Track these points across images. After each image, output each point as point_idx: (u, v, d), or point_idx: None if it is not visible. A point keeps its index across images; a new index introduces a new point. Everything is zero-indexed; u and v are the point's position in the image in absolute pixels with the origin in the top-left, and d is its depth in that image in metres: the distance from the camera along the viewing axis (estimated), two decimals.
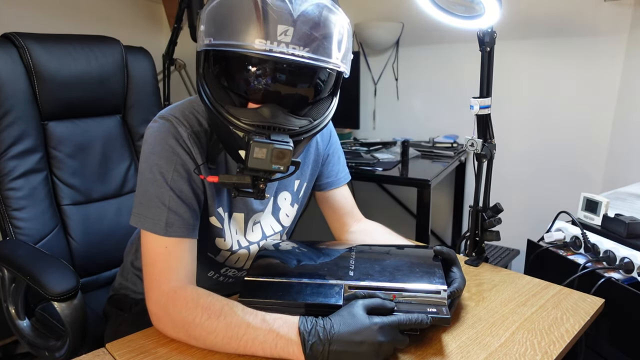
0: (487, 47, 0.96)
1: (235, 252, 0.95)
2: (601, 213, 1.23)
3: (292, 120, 0.73)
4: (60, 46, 1.25)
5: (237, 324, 0.69)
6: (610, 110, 1.83)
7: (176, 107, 0.84)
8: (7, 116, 1.14)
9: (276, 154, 0.67)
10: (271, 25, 0.64)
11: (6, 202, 1.15)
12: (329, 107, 0.79)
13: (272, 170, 0.68)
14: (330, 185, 1.05)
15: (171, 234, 0.77)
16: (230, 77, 0.74)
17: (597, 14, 1.78)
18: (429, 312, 0.71)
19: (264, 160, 0.67)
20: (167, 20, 2.69)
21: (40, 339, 1.10)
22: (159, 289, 0.76)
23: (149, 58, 1.44)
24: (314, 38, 0.67)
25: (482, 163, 1.03)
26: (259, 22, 0.64)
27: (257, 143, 0.67)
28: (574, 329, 0.77)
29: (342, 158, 1.08)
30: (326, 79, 0.77)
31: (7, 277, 1.10)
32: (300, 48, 0.66)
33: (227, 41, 0.66)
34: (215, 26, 0.68)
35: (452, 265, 0.84)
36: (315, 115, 0.77)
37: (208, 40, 0.68)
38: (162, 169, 0.78)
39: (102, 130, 1.33)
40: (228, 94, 0.74)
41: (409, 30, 2.25)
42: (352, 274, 0.78)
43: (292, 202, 0.99)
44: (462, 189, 2.29)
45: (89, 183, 1.30)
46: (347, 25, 0.73)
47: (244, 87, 0.73)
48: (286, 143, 0.68)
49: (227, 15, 0.67)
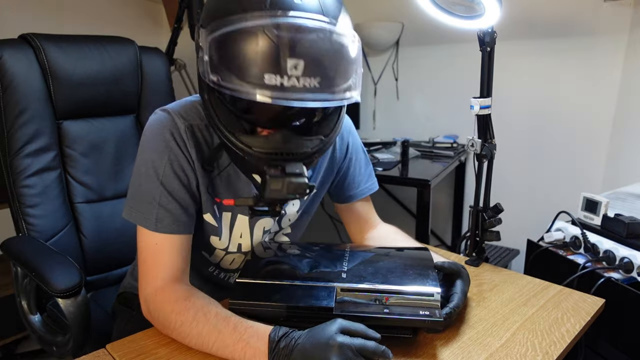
0: (488, 47, 0.96)
1: (231, 253, 0.94)
2: (601, 213, 1.23)
3: (304, 143, 0.71)
4: (76, 46, 1.26)
5: (207, 333, 0.70)
6: (610, 110, 1.83)
7: (180, 101, 0.85)
8: (23, 115, 1.16)
9: (293, 188, 0.67)
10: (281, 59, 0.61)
11: (20, 199, 1.16)
12: (338, 119, 0.78)
13: (288, 199, 0.70)
14: (351, 199, 1.03)
15: (160, 229, 0.78)
16: (239, 108, 0.73)
17: (597, 14, 1.78)
18: (422, 315, 0.71)
19: (280, 193, 0.67)
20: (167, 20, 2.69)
21: (50, 334, 1.11)
22: (146, 288, 0.79)
23: (162, 58, 1.45)
24: (326, 71, 0.64)
25: (482, 163, 1.03)
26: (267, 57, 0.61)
27: (273, 179, 0.67)
28: (575, 329, 0.77)
29: (363, 168, 1.03)
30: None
31: (20, 273, 1.13)
32: (312, 80, 0.63)
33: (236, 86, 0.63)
34: (221, 63, 0.65)
35: (457, 277, 0.82)
36: (325, 131, 0.76)
37: (216, 78, 0.65)
38: (155, 163, 0.78)
39: (116, 130, 1.35)
40: (237, 119, 0.73)
41: (409, 30, 2.25)
42: (344, 276, 0.77)
43: (298, 208, 0.98)
44: (462, 189, 2.29)
45: (102, 182, 1.31)
46: (359, 48, 0.70)
47: (254, 117, 0.73)
48: (301, 176, 0.67)
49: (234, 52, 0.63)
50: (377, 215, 1.08)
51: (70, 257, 1.05)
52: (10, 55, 1.14)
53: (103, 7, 2.49)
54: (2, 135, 1.15)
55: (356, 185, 1.02)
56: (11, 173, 1.16)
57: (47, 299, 1.18)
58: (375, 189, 1.05)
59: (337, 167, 0.99)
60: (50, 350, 1.10)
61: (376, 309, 0.73)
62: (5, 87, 1.13)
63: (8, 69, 1.13)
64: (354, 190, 1.02)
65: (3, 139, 1.15)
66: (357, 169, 1.02)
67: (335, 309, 0.72)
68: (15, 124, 1.15)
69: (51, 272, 0.98)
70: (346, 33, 0.67)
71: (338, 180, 1.01)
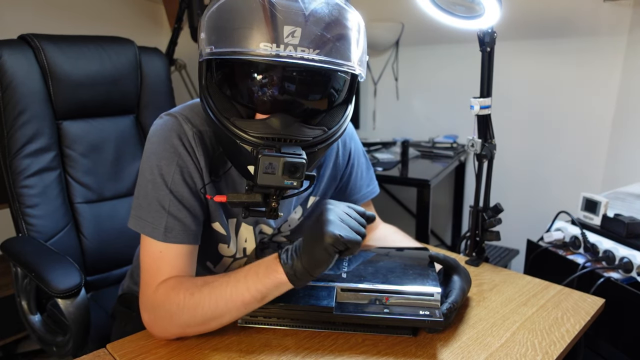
0: (488, 47, 0.96)
1: (238, 259, 0.92)
2: (601, 213, 1.23)
3: (305, 130, 0.67)
4: (75, 47, 1.27)
5: (219, 284, 0.68)
6: (610, 110, 1.83)
7: (184, 105, 0.81)
8: (22, 115, 1.16)
9: (288, 167, 0.61)
10: (277, 26, 0.59)
11: (20, 199, 1.17)
12: (345, 114, 0.73)
13: (284, 187, 0.63)
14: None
15: (170, 239, 0.74)
16: (234, 87, 0.69)
17: (597, 14, 1.78)
18: (422, 315, 0.71)
19: (274, 176, 0.61)
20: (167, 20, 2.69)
21: (50, 334, 1.12)
22: (147, 294, 0.74)
23: (162, 58, 1.46)
24: (325, 39, 0.61)
25: (482, 163, 1.03)
26: (262, 24, 0.59)
27: (267, 157, 0.61)
28: (575, 329, 0.77)
29: (365, 172, 1.01)
30: (340, 84, 0.71)
31: (20, 273, 1.13)
32: (310, 50, 0.60)
33: (228, 48, 0.61)
34: (215, 33, 0.63)
35: (454, 272, 0.80)
36: (329, 123, 0.71)
37: (209, 48, 0.63)
38: (163, 170, 0.74)
39: (115, 130, 1.35)
40: (234, 105, 0.69)
41: (409, 30, 2.25)
42: (344, 276, 0.77)
43: (300, 216, 0.94)
44: (462, 189, 2.29)
45: (102, 182, 1.31)
46: (361, 24, 0.67)
47: (250, 96, 0.68)
48: (299, 156, 0.62)
49: (228, 19, 0.62)
50: (378, 218, 1.07)
51: (70, 257, 1.06)
52: (10, 55, 1.14)
53: (103, 7, 2.49)
54: (2, 135, 1.15)
55: (357, 190, 1.00)
56: (11, 173, 1.16)
57: (47, 299, 1.18)
58: (376, 192, 1.03)
59: (340, 174, 0.96)
60: (50, 351, 1.10)
61: (376, 309, 0.73)
62: (5, 88, 1.14)
63: (7, 69, 1.13)
64: (355, 196, 0.99)
65: (3, 139, 1.15)
66: (359, 174, 1.00)
67: (335, 309, 0.72)
68: (14, 124, 1.15)
69: (51, 273, 0.99)
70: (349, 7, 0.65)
71: (341, 186, 0.99)
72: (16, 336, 1.89)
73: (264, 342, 0.74)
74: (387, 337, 0.75)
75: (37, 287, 1.14)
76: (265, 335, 0.76)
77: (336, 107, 0.74)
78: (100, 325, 1.10)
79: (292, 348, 0.72)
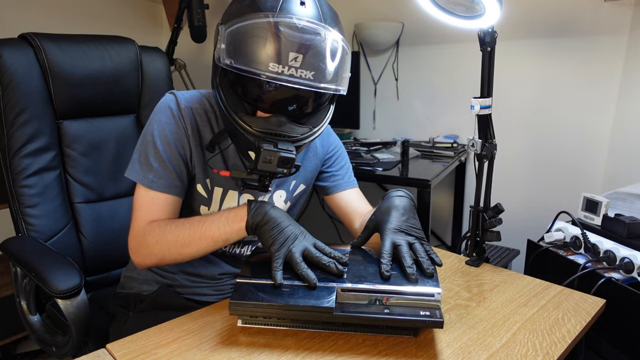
0: (488, 47, 0.96)
1: None
2: (601, 213, 1.23)
3: (295, 128, 0.84)
4: (76, 46, 1.26)
5: (197, 220, 0.87)
6: (610, 110, 1.83)
7: (188, 90, 0.98)
8: (23, 114, 1.16)
9: (282, 160, 0.80)
10: (284, 52, 0.75)
11: (19, 199, 1.16)
12: (326, 115, 0.91)
13: (277, 173, 0.81)
14: (337, 189, 1.13)
15: (154, 188, 0.91)
16: (245, 90, 0.85)
17: (597, 14, 1.78)
18: (422, 315, 0.71)
19: (271, 165, 0.80)
20: (167, 20, 2.69)
21: (49, 335, 1.11)
22: (138, 226, 0.90)
23: (163, 58, 1.45)
24: (321, 66, 0.78)
25: (482, 163, 1.03)
26: (273, 49, 0.75)
27: (267, 151, 0.79)
28: (575, 330, 0.77)
29: (346, 166, 1.15)
30: (326, 97, 0.89)
31: (19, 273, 1.13)
32: (307, 73, 0.77)
33: (245, 67, 0.76)
34: (235, 49, 0.78)
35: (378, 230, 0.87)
36: (314, 123, 0.88)
37: (229, 60, 0.78)
38: (157, 133, 0.91)
39: (116, 130, 1.35)
40: (241, 102, 0.85)
41: (409, 30, 2.25)
42: (345, 276, 0.78)
43: (285, 199, 1.07)
44: (462, 189, 2.28)
45: (102, 181, 1.31)
46: (349, 52, 0.84)
47: (256, 99, 0.84)
48: (291, 152, 0.80)
49: (247, 41, 0.77)
50: (367, 203, 1.13)
51: (69, 257, 1.05)
52: (10, 54, 1.14)
53: (103, 7, 2.49)
54: (2, 134, 1.15)
55: (341, 176, 1.13)
56: (11, 173, 1.16)
57: (47, 299, 1.18)
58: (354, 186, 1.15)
59: (321, 162, 1.11)
60: (50, 351, 1.10)
61: (377, 309, 0.73)
62: (5, 87, 1.13)
63: (8, 68, 1.13)
64: (339, 181, 1.13)
65: (3, 138, 1.15)
66: (341, 163, 1.14)
67: (335, 309, 0.72)
68: (14, 123, 1.15)
69: (51, 273, 0.98)
70: (338, 39, 0.81)
71: (324, 174, 1.13)
72: (16, 336, 1.89)
73: (264, 342, 0.74)
74: (388, 337, 0.75)
75: (36, 287, 1.14)
76: (265, 335, 0.76)
77: (320, 110, 0.90)
78: (100, 325, 1.10)
79: (293, 348, 0.72)
